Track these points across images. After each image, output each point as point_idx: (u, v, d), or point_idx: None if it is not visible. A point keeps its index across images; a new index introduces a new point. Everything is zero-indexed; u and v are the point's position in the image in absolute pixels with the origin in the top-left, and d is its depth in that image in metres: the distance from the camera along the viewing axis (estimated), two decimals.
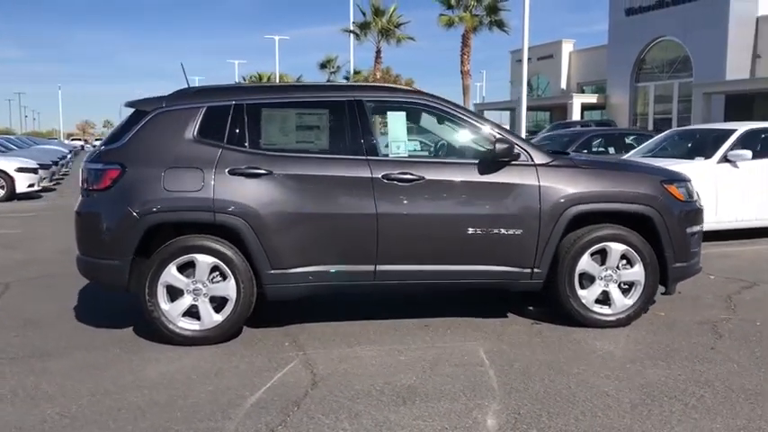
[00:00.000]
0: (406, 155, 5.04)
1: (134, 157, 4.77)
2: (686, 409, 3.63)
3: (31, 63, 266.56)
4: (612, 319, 5.08)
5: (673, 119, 35.12)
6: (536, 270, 4.98)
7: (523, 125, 21.88)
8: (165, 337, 4.76)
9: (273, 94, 5.11)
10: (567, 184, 4.95)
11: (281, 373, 4.26)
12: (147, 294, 4.71)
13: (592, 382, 4.04)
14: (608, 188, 5.03)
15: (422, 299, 5.99)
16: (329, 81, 45.13)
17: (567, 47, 42.72)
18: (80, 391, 3.98)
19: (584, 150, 12.49)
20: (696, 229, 5.28)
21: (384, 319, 5.38)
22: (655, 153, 10.04)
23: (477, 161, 4.96)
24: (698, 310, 5.60)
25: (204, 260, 4.72)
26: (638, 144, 12.48)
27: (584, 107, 38.39)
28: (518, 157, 4.94)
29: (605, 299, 5.11)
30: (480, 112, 39.84)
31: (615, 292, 5.08)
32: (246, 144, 4.85)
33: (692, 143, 9.85)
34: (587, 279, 5.08)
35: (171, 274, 4.73)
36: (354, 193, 4.81)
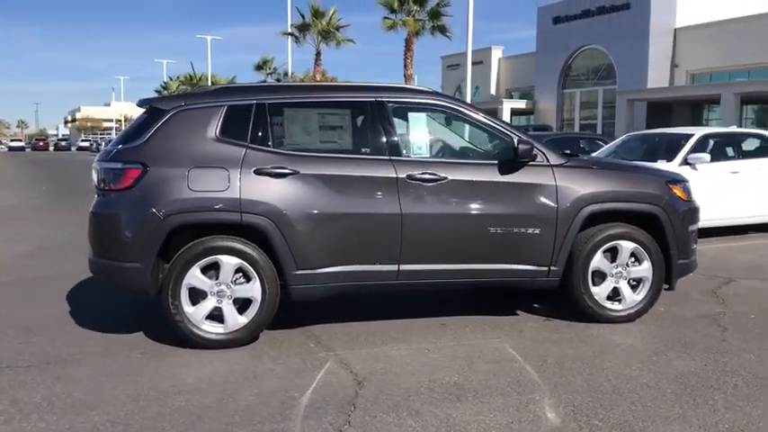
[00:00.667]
0: (428, 155, 5.09)
1: (156, 155, 4.63)
2: (727, 398, 3.82)
3: None
4: (624, 314, 5.27)
5: (597, 124, 36.52)
6: (552, 268, 5.11)
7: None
8: (188, 341, 4.64)
9: (295, 94, 5.06)
10: (582, 185, 5.11)
11: (320, 373, 4.22)
12: (171, 297, 4.58)
13: (628, 375, 4.19)
14: (620, 188, 5.22)
15: (428, 298, 6.04)
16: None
17: (497, 53, 43.74)
18: (119, 398, 3.84)
19: None
20: (695, 227, 5.55)
21: (398, 318, 5.40)
22: (616, 156, 10.43)
23: (497, 162, 5.05)
24: (692, 305, 5.87)
25: (229, 261, 4.63)
26: (589, 148, 12.94)
27: (513, 112, 39.37)
28: (536, 157, 5.07)
29: (615, 295, 5.30)
30: None
31: (625, 289, 5.28)
32: (270, 144, 4.78)
33: (651, 147, 10.30)
34: (599, 276, 5.25)
35: (195, 275, 4.61)
36: (380, 193, 4.82)
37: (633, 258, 5.28)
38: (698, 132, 9.75)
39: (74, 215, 10.81)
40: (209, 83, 54.13)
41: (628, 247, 5.22)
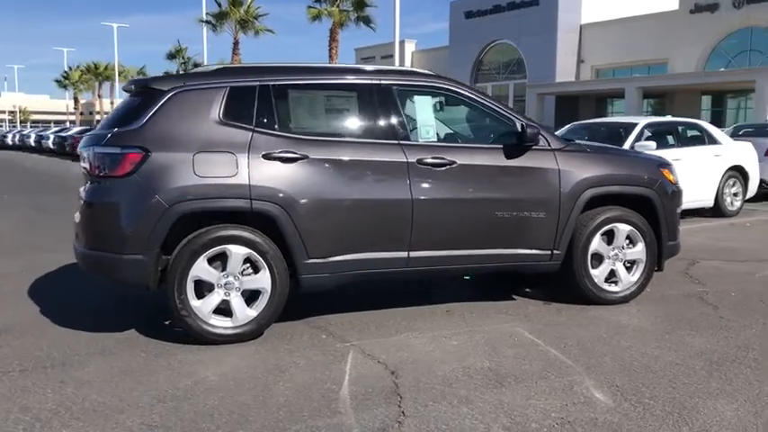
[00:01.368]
0: (435, 140, 4.99)
1: (157, 139, 4.31)
2: (755, 372, 3.93)
3: None
4: (620, 296, 5.37)
5: None
6: (555, 252, 5.13)
7: None
8: (194, 336, 4.36)
9: (300, 76, 4.82)
10: (583, 169, 5.15)
11: (347, 365, 4.05)
12: (176, 291, 4.29)
13: (651, 353, 4.25)
14: (618, 172, 5.31)
15: (427, 285, 5.95)
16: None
17: (410, 47, 44.11)
18: (143, 399, 3.55)
19: None
20: (680, 209, 5.72)
21: (402, 306, 5.28)
22: None
23: (502, 146, 5.02)
24: (673, 284, 6.05)
25: (238, 251, 4.37)
26: None
27: None
28: (539, 141, 5.07)
29: (611, 277, 5.39)
30: None
31: (621, 271, 5.37)
32: (276, 127, 4.55)
33: (597, 136, 10.59)
34: (597, 259, 5.32)
35: (202, 267, 4.33)
36: (391, 178, 4.68)
37: (628, 241, 5.38)
38: (642, 121, 10.12)
39: None
40: (115, 73, 51.80)
41: (624, 229, 5.32)
